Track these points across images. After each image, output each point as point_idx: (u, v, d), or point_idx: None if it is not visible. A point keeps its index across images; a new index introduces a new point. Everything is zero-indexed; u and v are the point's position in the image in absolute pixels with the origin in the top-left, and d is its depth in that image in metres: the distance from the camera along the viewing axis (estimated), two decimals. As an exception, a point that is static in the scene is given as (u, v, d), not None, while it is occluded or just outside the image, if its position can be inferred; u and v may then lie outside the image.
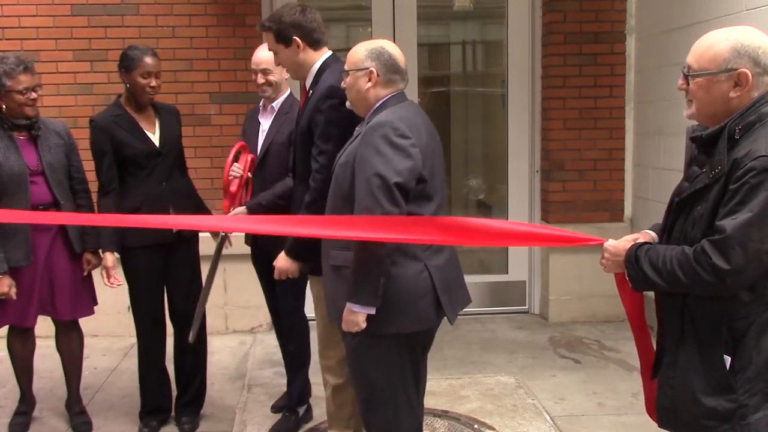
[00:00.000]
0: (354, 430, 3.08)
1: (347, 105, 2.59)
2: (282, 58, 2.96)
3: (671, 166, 4.62)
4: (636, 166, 5.26)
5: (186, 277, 3.56)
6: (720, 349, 1.85)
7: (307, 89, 2.98)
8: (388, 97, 2.49)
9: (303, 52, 2.91)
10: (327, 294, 2.62)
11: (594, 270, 2.28)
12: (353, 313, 2.36)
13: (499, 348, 4.77)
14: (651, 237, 2.08)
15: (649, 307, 2.10)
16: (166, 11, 4.95)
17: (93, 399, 3.96)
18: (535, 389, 4.07)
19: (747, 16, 3.82)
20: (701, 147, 1.93)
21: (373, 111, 2.50)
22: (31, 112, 3.31)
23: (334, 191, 2.53)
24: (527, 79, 5.42)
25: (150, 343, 3.58)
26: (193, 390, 3.69)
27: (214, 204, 4.09)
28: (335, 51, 3.02)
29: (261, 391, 3.96)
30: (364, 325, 2.36)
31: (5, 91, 3.23)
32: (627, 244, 1.99)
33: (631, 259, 1.94)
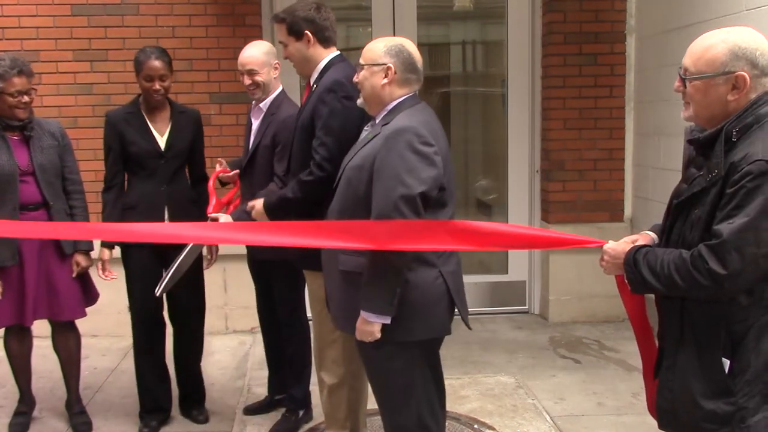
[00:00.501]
0: (350, 430, 3.08)
1: (358, 102, 2.55)
2: (291, 50, 3.00)
3: (671, 166, 4.62)
4: (636, 166, 5.26)
5: (186, 276, 3.55)
6: (719, 352, 1.85)
7: (311, 85, 3.00)
8: (403, 98, 2.44)
9: (312, 48, 2.96)
10: (333, 298, 2.58)
11: (594, 270, 2.28)
12: (368, 323, 2.31)
13: (499, 348, 4.77)
14: (651, 238, 2.08)
15: (651, 308, 2.10)
16: (166, 11, 4.96)
17: (93, 399, 3.96)
18: (535, 389, 4.07)
19: (747, 16, 3.81)
20: (699, 149, 1.93)
21: (387, 112, 2.44)
22: (22, 115, 3.31)
23: (345, 193, 2.46)
24: (527, 79, 5.41)
25: (151, 343, 3.59)
26: (196, 385, 3.73)
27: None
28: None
29: (261, 391, 3.96)
30: (379, 335, 2.32)
31: None
32: (626, 247, 1.99)
33: (630, 263, 1.94)
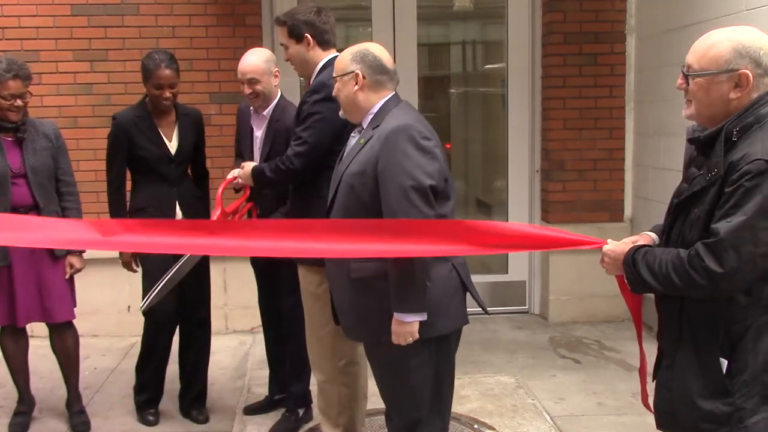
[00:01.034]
0: (344, 428, 3.07)
1: (340, 114, 2.57)
2: (291, 53, 3.08)
3: (671, 166, 4.62)
4: (636, 166, 5.26)
5: (199, 278, 3.54)
6: (717, 352, 1.85)
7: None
8: (386, 100, 2.46)
9: (312, 50, 3.03)
10: (344, 309, 2.53)
11: (594, 270, 2.27)
12: (405, 324, 2.29)
13: (499, 348, 4.77)
14: (651, 239, 2.08)
15: (650, 307, 2.10)
16: (166, 11, 4.95)
17: (93, 399, 3.96)
18: (535, 389, 4.07)
19: (747, 15, 3.81)
20: (699, 148, 1.93)
21: (374, 116, 2.45)
22: (15, 117, 3.31)
23: (348, 203, 2.42)
24: (527, 79, 5.41)
25: (162, 344, 3.60)
26: (199, 386, 3.74)
27: (212, 205, 4.06)
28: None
29: (261, 391, 3.96)
30: (418, 335, 2.30)
31: None
32: (626, 247, 1.99)
33: (629, 263, 1.93)
